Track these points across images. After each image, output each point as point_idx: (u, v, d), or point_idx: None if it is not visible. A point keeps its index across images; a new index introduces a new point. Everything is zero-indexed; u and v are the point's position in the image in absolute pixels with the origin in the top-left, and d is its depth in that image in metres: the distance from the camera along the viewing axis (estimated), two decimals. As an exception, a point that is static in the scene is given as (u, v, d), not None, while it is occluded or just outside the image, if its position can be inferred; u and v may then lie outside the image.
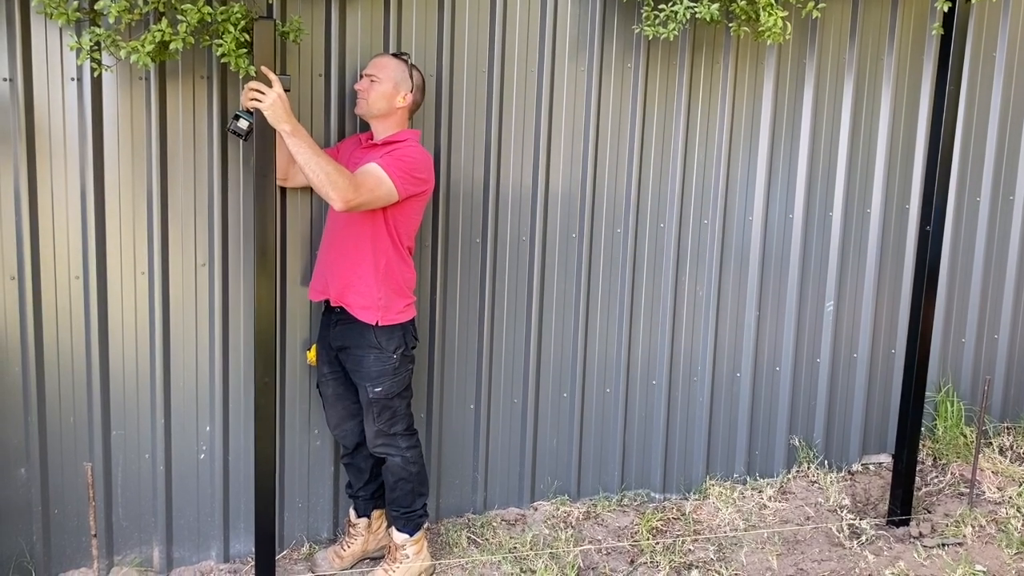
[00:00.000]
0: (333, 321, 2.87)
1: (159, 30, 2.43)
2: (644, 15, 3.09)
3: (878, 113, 3.59)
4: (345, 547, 3.07)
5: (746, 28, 3.12)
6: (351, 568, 3.08)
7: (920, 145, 3.64)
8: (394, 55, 2.83)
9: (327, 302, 2.88)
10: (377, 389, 2.82)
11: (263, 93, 2.47)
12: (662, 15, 3.01)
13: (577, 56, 3.23)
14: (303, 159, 2.51)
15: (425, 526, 3.01)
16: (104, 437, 2.87)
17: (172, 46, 2.44)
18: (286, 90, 2.50)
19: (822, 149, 3.55)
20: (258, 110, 2.49)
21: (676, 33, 3.01)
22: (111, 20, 2.42)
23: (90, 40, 2.45)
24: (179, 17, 2.44)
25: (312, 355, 2.97)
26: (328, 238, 2.86)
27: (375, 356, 2.80)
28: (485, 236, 3.22)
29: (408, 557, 2.96)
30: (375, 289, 2.77)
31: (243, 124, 2.66)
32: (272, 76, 2.48)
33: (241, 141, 2.82)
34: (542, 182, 3.26)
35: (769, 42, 3.06)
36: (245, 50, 2.52)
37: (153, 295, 2.85)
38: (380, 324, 2.78)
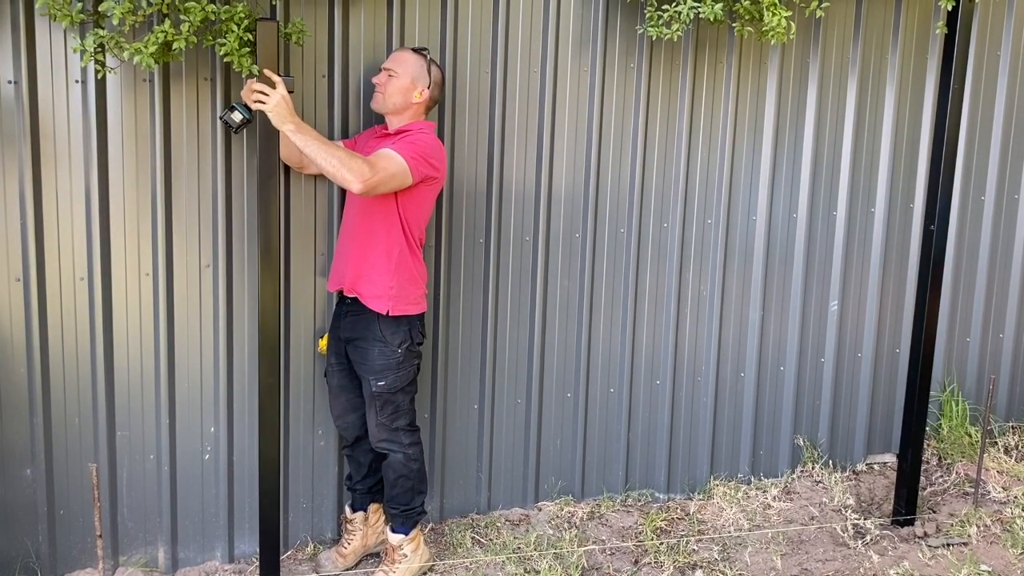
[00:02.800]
0: (343, 312, 2.89)
1: (162, 31, 2.43)
2: (647, 15, 3.09)
3: (882, 112, 3.59)
4: (345, 545, 3.07)
5: (750, 28, 3.12)
6: (355, 565, 3.08)
7: (924, 144, 3.64)
8: (414, 50, 2.84)
9: (341, 292, 2.90)
10: (380, 383, 2.82)
11: (267, 95, 2.47)
12: (665, 15, 3.01)
13: (580, 56, 3.23)
14: (312, 151, 2.52)
15: (422, 523, 3.01)
16: (109, 438, 2.88)
17: (175, 46, 2.45)
18: (289, 91, 2.51)
19: (826, 148, 3.55)
20: (261, 111, 2.49)
21: (680, 34, 3.01)
22: (115, 22, 2.43)
23: (94, 42, 2.46)
24: (182, 17, 2.45)
25: (324, 344, 2.98)
26: (344, 230, 2.89)
27: (379, 349, 2.81)
28: (488, 236, 3.22)
29: (407, 556, 2.96)
30: (387, 278, 2.78)
31: (236, 117, 2.68)
32: (275, 78, 2.48)
33: (234, 134, 2.82)
34: (545, 182, 3.26)
35: (773, 42, 3.06)
36: (248, 49, 2.52)
37: (158, 296, 2.86)
38: (391, 314, 2.79)
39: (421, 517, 3.00)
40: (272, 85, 2.48)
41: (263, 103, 2.47)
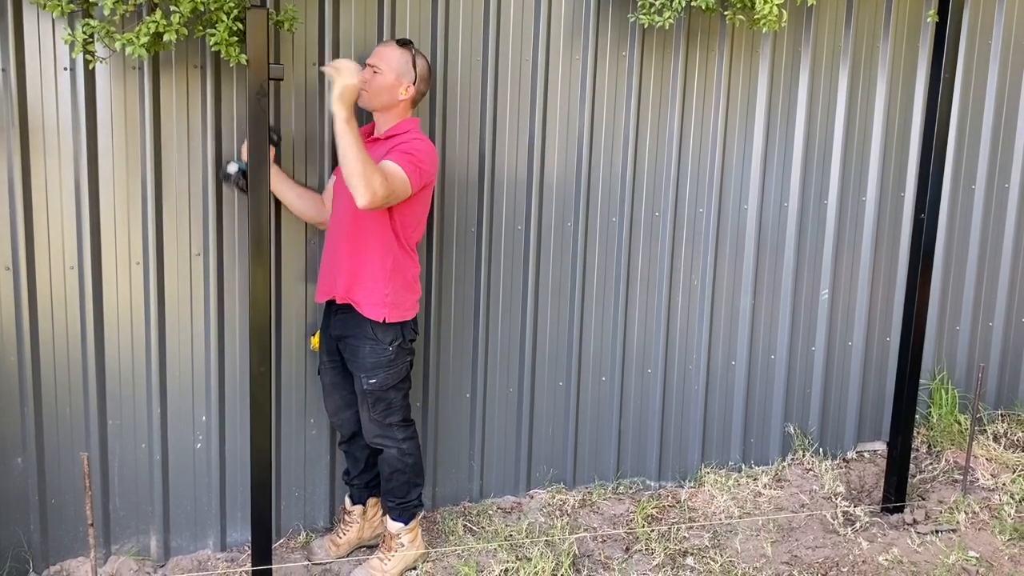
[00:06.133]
0: (334, 310, 2.88)
1: (153, 21, 2.42)
2: (639, 3, 3.08)
3: (873, 101, 3.59)
4: (340, 535, 3.08)
5: (741, 16, 3.12)
6: (347, 556, 3.09)
7: (915, 133, 3.64)
8: (399, 42, 2.79)
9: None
10: (372, 380, 2.82)
11: (342, 71, 2.50)
12: (657, 3, 3.00)
13: (572, 44, 3.22)
14: (346, 144, 2.48)
15: (420, 515, 3.02)
16: (100, 427, 2.88)
17: (166, 37, 2.44)
18: (279, 79, 2.50)
19: (817, 137, 3.55)
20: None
21: (672, 22, 3.01)
22: (105, 12, 2.41)
23: (84, 33, 2.44)
24: (172, 8, 2.43)
25: (316, 341, 2.98)
26: (333, 239, 2.84)
27: (371, 347, 2.80)
28: (480, 225, 3.22)
29: (403, 546, 2.97)
30: (383, 285, 2.76)
31: (230, 168, 2.79)
32: (339, 65, 2.51)
33: (232, 184, 2.88)
34: (537, 171, 3.25)
35: (765, 30, 3.05)
36: (237, 39, 2.51)
37: (148, 285, 2.85)
38: (388, 321, 2.77)
39: (418, 509, 3.01)
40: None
41: (339, 75, 2.50)
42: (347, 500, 3.11)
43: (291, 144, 2.93)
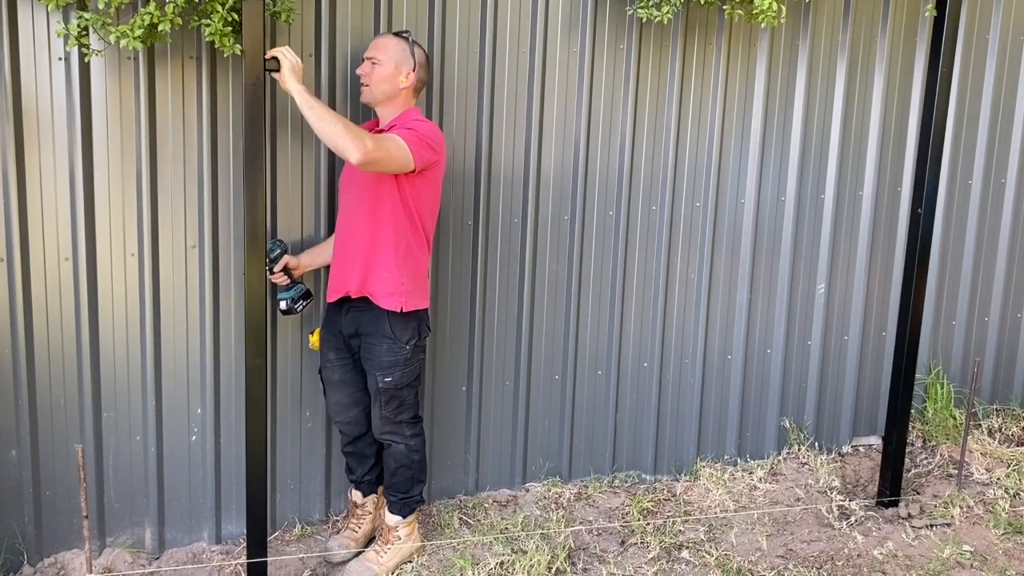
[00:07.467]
0: (345, 308, 2.86)
1: (148, 13, 2.40)
2: (637, -4, 3.08)
3: (871, 95, 3.59)
4: (357, 529, 3.07)
5: (740, 10, 3.11)
6: (364, 547, 3.08)
7: (913, 127, 3.64)
8: (395, 34, 2.80)
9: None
10: (387, 379, 2.81)
11: (283, 53, 2.51)
12: (655, -4, 3.00)
13: (569, 37, 3.21)
14: (316, 115, 2.47)
15: (418, 509, 3.02)
16: (95, 419, 2.87)
17: (161, 27, 2.42)
18: (275, 71, 2.50)
19: (815, 131, 3.55)
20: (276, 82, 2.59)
21: (670, 16, 3.00)
22: (100, 5, 2.39)
23: (78, 26, 2.43)
24: (167, -2, 2.42)
25: (315, 339, 2.96)
26: (343, 237, 2.82)
27: (388, 346, 2.79)
28: (477, 218, 3.22)
29: (400, 539, 2.97)
30: (398, 273, 2.75)
31: (283, 305, 2.87)
32: (276, 52, 2.51)
33: (290, 310, 2.93)
34: (534, 164, 3.25)
35: (763, 24, 3.05)
36: (232, 29, 2.50)
37: (143, 277, 2.84)
38: (404, 310, 2.76)
39: (419, 505, 3.02)
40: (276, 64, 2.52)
41: (281, 62, 2.50)
42: (356, 494, 3.10)
43: (288, 137, 2.92)
